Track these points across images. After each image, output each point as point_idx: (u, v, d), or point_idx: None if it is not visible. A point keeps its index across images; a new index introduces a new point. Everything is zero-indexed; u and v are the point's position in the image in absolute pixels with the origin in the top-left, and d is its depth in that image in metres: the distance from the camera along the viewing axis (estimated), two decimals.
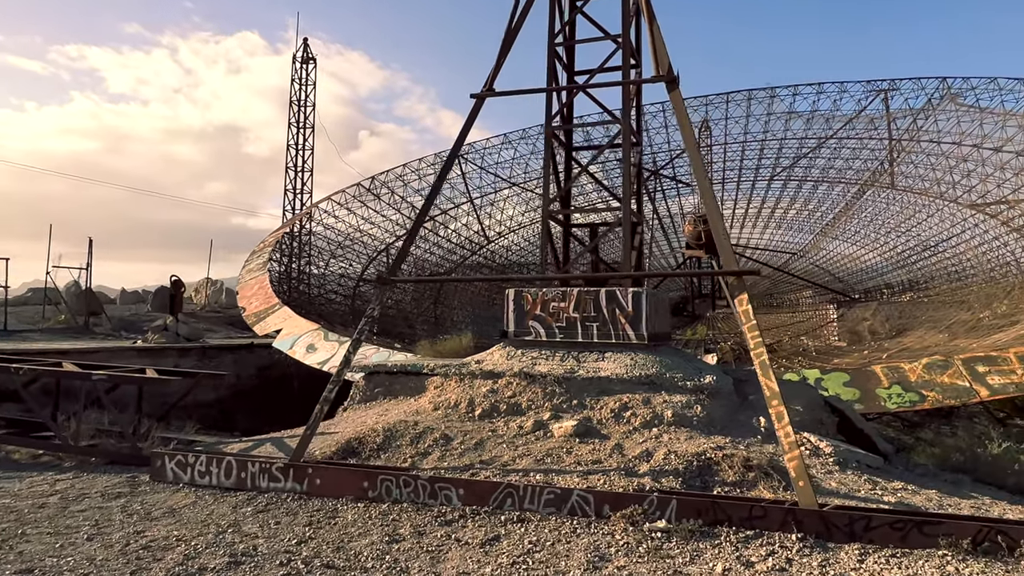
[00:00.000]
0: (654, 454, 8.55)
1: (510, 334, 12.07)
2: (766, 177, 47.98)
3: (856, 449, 9.35)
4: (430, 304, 40.67)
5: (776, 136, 46.69)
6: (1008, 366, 14.67)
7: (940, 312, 30.00)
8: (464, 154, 47.63)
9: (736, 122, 47.13)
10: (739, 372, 11.41)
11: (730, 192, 49.15)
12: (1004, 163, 36.46)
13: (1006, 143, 36.29)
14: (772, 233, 48.65)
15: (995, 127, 37.05)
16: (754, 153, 48.32)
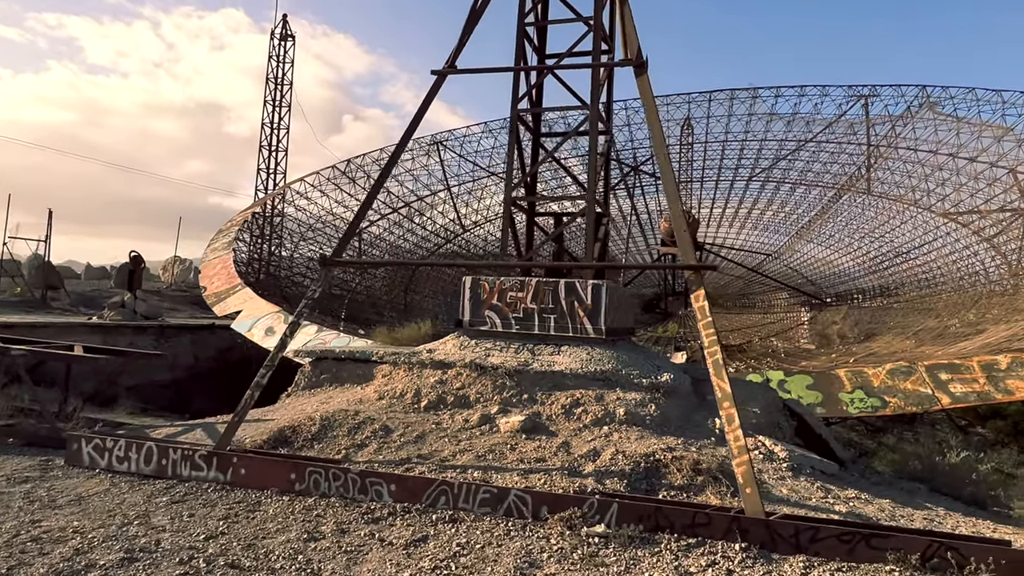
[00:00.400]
0: (601, 454, 8.16)
1: (465, 323, 11.61)
2: (745, 177, 47.91)
3: (811, 455, 9.05)
4: (401, 291, 40.05)
5: (756, 137, 46.67)
6: (971, 375, 14.54)
7: (909, 318, 30.11)
8: (444, 141, 47.00)
9: (718, 121, 47.04)
10: (699, 371, 11.07)
11: (709, 191, 49.04)
12: (978, 173, 36.73)
13: (981, 154, 36.56)
14: (748, 234, 48.66)
15: (971, 137, 37.29)
16: (734, 153, 48.26)
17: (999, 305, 26.23)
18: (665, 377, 10.15)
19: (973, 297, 29.72)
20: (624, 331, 12.07)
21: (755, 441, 9.11)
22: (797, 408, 10.32)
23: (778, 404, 10.20)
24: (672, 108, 47.31)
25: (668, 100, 47.19)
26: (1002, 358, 14.83)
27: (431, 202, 46.90)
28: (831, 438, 10.43)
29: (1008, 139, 35.89)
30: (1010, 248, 32.88)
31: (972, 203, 36.65)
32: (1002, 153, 36.03)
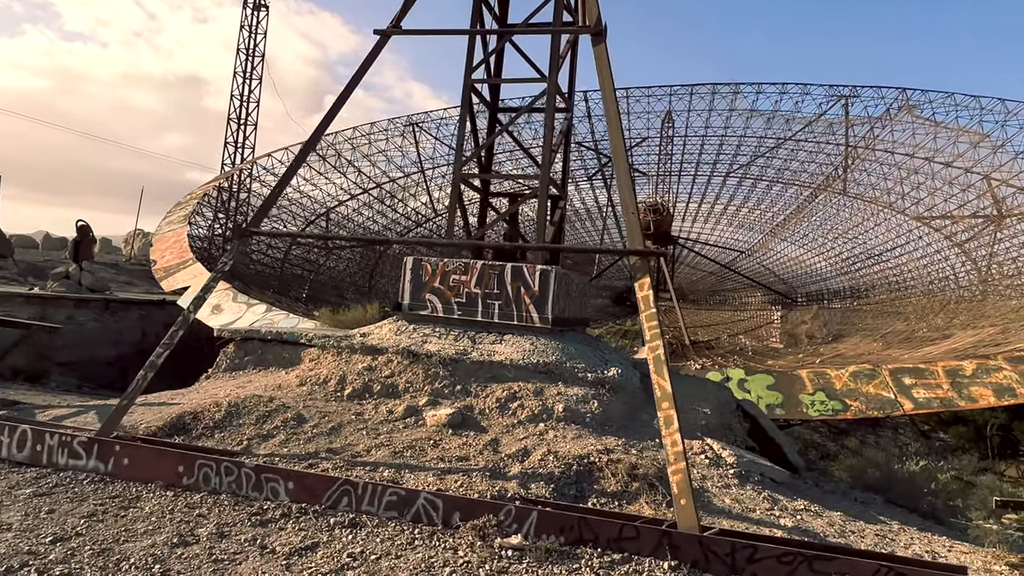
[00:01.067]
0: (532, 454, 7.42)
1: (404, 307, 10.79)
2: (722, 173, 47.50)
3: (762, 461, 8.41)
4: (367, 274, 39.02)
5: (736, 133, 46.28)
6: (935, 380, 14.06)
7: (878, 321, 29.87)
8: (420, 123, 45.88)
9: (698, 115, 46.52)
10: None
11: (686, 186, 48.55)
12: (953, 178, 36.67)
13: (956, 159, 36.48)
14: (723, 231, 48.30)
15: (948, 142, 37.19)
16: (713, 148, 47.80)
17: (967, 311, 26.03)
18: (612, 372, 9.45)
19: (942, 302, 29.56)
20: (576, 321, 11.35)
21: (702, 444, 8.45)
22: (751, 409, 9.68)
23: (731, 405, 9.56)
24: (653, 100, 46.68)
25: (650, 92, 46.55)
26: (967, 364, 14.38)
27: (404, 184, 45.80)
28: (785, 442, 9.83)
29: (984, 145, 35.78)
30: (980, 254, 32.79)
31: (946, 208, 36.63)
32: (977, 159, 35.97)
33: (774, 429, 9.72)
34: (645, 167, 50.48)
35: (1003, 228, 33.00)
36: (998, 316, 24.35)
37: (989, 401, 13.61)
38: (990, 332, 22.18)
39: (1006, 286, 28.71)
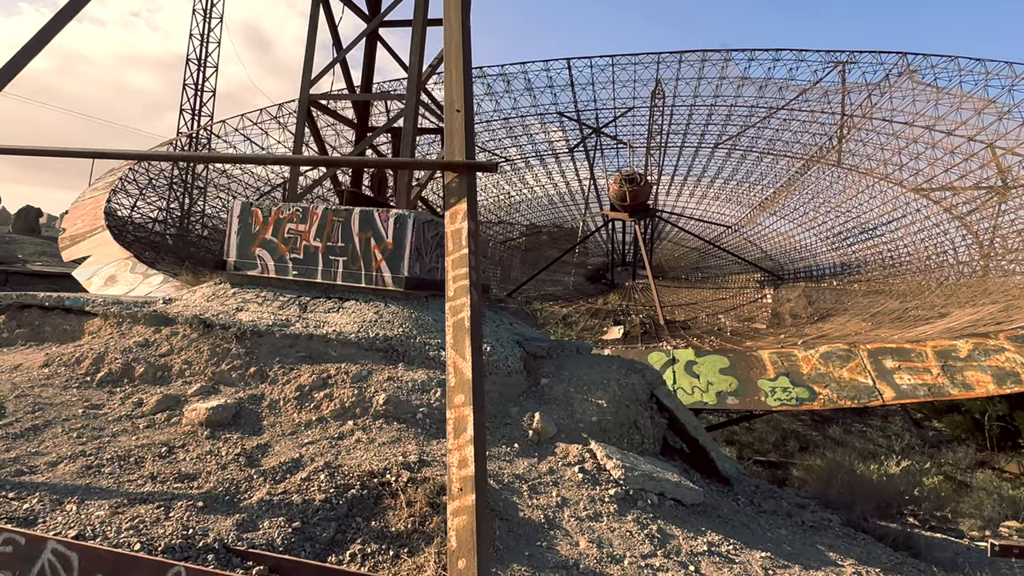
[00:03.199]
0: (303, 468, 4.97)
1: (229, 265, 8.32)
2: (711, 144, 44.82)
3: (666, 475, 5.96)
4: None
5: (726, 102, 43.71)
6: (922, 362, 11.60)
7: (868, 299, 27.37)
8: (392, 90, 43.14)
9: (687, 83, 43.95)
10: (543, 344, 7.92)
11: (672, 157, 45.86)
12: (954, 147, 34.13)
13: (959, 127, 33.93)
14: (709, 204, 45.55)
15: (950, 109, 34.63)
16: (701, 118, 45.20)
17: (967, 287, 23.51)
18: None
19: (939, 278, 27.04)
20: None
21: (580, 452, 6.00)
22: (668, 401, 7.23)
23: (640, 395, 7.11)
24: (640, 68, 44.10)
25: (637, 60, 43.94)
26: (962, 344, 11.92)
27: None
28: (712, 443, 7.37)
29: (989, 112, 33.17)
30: (983, 227, 30.23)
31: (946, 179, 34.05)
32: (981, 127, 33.37)
33: (698, 427, 7.29)
34: (630, 138, 47.84)
35: (1008, 199, 30.43)
36: (1000, 292, 21.85)
37: (988, 389, 11.15)
38: (991, 310, 19.68)
39: (1010, 260, 26.16)
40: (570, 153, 47.90)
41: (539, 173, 47.14)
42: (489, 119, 47.63)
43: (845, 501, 7.63)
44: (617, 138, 46.84)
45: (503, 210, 47.09)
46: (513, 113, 47.32)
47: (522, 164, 46.65)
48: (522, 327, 9.59)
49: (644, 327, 27.71)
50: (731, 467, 7.37)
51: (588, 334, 27.18)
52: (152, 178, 31.53)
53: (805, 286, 31.09)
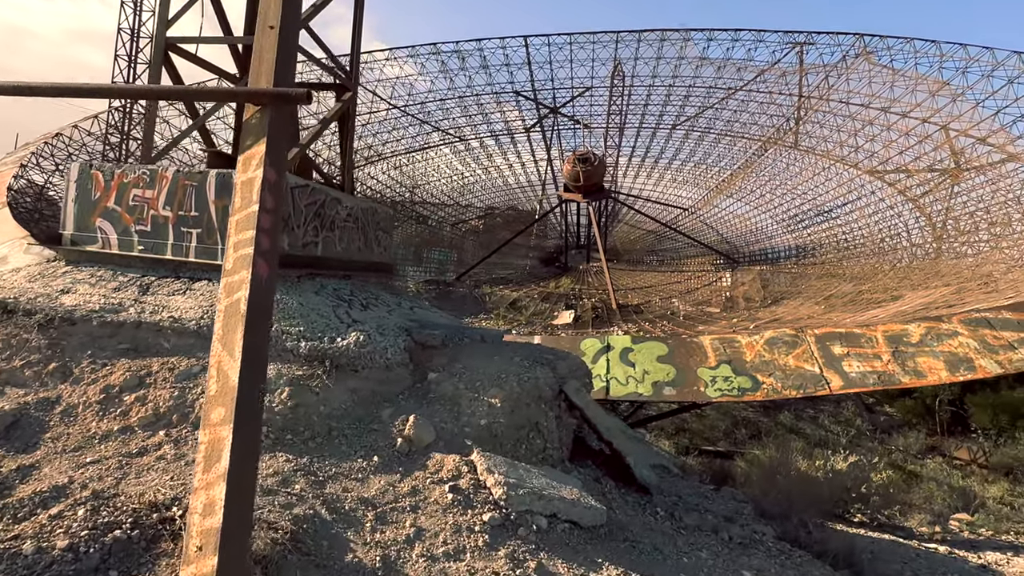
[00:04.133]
0: (62, 499, 3.74)
1: (66, 238, 6.95)
2: (668, 125, 44.03)
3: (562, 492, 4.88)
4: None
5: (684, 82, 42.86)
6: (872, 348, 10.78)
7: (822, 282, 26.88)
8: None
9: (645, 63, 42.99)
10: (438, 331, 6.76)
11: (629, 139, 44.94)
12: (909, 129, 33.94)
13: (914, 109, 33.69)
14: (667, 186, 44.78)
15: (905, 91, 34.37)
16: (660, 98, 44.31)
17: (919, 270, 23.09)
18: (350, 339, 5.80)
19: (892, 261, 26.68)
20: (337, 262, 7.64)
21: (457, 464, 4.88)
22: (578, 398, 6.15)
23: (545, 392, 6.02)
24: (599, 47, 42.98)
25: (595, 39, 42.76)
26: (914, 328, 11.13)
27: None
28: (630, 447, 6.33)
29: (943, 94, 32.90)
30: (935, 209, 30.01)
31: (900, 160, 33.85)
32: (936, 108, 33.11)
33: (612, 428, 6.24)
34: (588, 118, 46.77)
35: (960, 181, 30.26)
36: (952, 275, 21.43)
37: (940, 376, 10.39)
38: (943, 292, 19.19)
39: (962, 243, 25.90)
40: (526, 133, 46.62)
41: (494, 153, 45.81)
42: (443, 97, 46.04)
43: (781, 509, 6.68)
44: (575, 118, 45.74)
45: (456, 191, 45.67)
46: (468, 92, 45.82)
47: (476, 144, 45.23)
48: (429, 313, 8.42)
49: (596, 311, 26.81)
50: (651, 474, 6.35)
51: (539, 318, 26.16)
52: (73, 153, 29.36)
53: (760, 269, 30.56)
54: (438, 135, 46.04)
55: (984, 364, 10.55)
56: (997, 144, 30.07)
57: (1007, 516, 12.00)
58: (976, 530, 11.38)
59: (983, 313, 11.63)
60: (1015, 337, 11.13)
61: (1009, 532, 11.28)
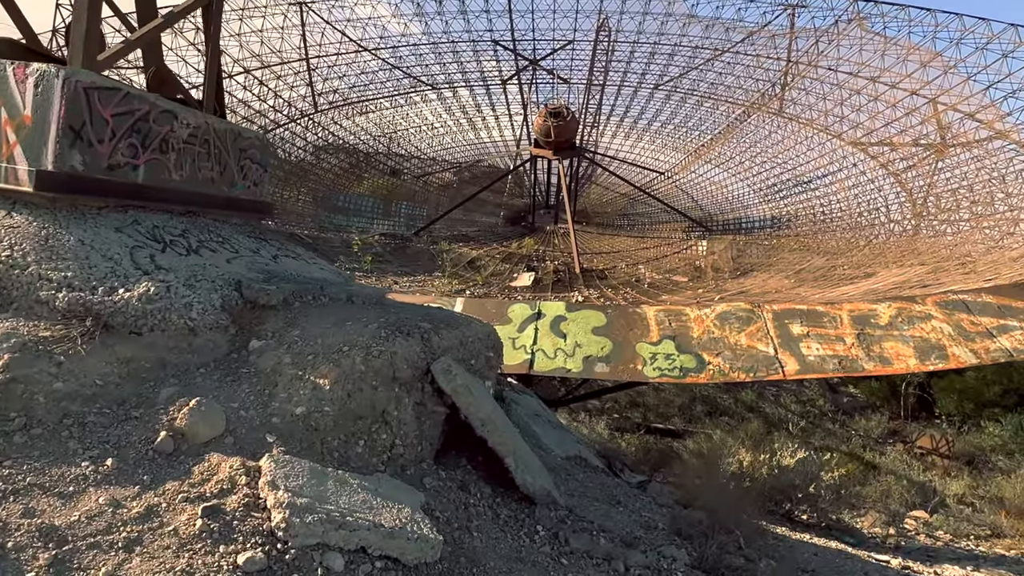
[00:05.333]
0: None
1: None
2: (651, 84, 42.17)
3: (379, 517, 3.50)
4: None
5: (671, 40, 40.93)
6: (835, 328, 9.53)
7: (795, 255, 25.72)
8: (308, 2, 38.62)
9: (631, 17, 40.98)
10: (274, 287, 5.26)
11: (609, 96, 43.07)
12: (897, 101, 32.67)
13: (903, 79, 32.32)
14: (644, 147, 43.09)
15: (896, 60, 32.94)
16: (644, 56, 42.35)
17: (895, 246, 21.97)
18: (138, 291, 4.31)
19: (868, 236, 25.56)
20: (180, 196, 6.06)
21: (232, 472, 3.48)
22: (446, 381, 4.75)
23: (401, 371, 4.62)
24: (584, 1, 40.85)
25: None
26: (883, 309, 9.88)
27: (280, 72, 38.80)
28: (512, 445, 4.95)
29: (935, 65, 31.48)
30: (917, 185, 28.86)
31: (886, 133, 32.59)
32: (926, 80, 31.73)
33: (489, 421, 4.85)
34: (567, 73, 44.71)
35: (945, 157, 29.07)
36: (930, 253, 20.33)
37: (908, 364, 9.18)
38: (918, 271, 18.07)
39: (941, 221, 24.81)
40: (503, 86, 44.49)
41: (467, 106, 43.69)
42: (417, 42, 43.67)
43: (701, 528, 5.40)
44: (554, 72, 43.66)
45: (427, 144, 43.63)
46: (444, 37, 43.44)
47: (450, 94, 43.05)
48: (305, 265, 6.91)
49: (558, 275, 25.44)
50: (540, 479, 4.99)
51: (497, 279, 24.74)
52: None
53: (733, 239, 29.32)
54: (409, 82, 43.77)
55: (958, 353, 9.36)
56: (986, 120, 28.88)
57: (967, 517, 11.03)
58: (933, 532, 10.36)
59: (961, 295, 10.41)
60: (994, 324, 9.93)
61: (968, 536, 10.27)
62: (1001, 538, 10.28)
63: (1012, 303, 10.34)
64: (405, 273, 24.26)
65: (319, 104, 38.94)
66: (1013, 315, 10.08)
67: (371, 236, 27.64)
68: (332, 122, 40.10)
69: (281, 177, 35.14)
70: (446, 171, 43.13)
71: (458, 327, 5.77)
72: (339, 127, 40.81)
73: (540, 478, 5.07)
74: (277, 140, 36.44)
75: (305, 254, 7.30)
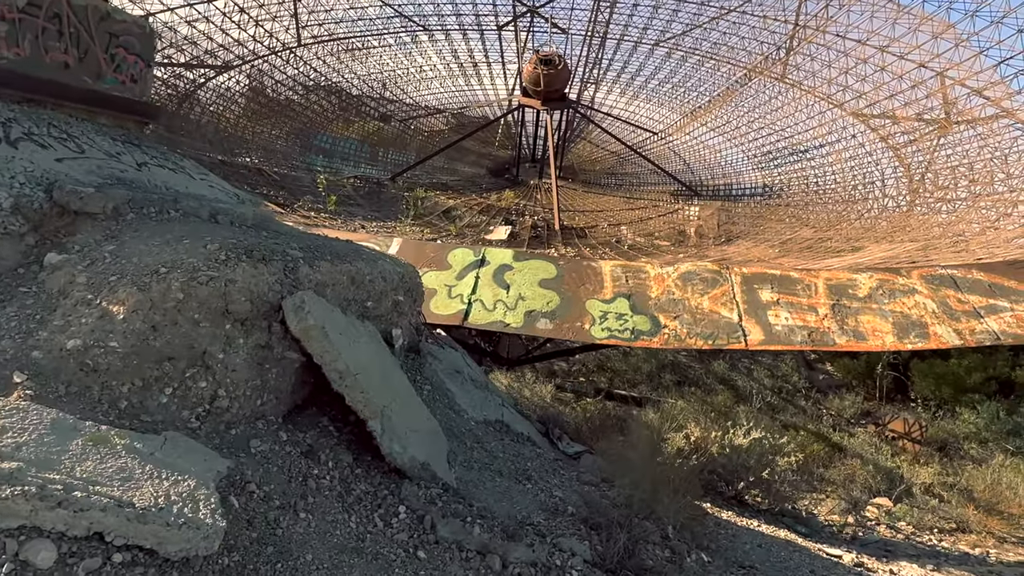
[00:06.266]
0: None
1: None
2: (652, 40, 40.41)
3: (142, 490, 2.54)
4: None
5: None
6: (808, 297, 8.60)
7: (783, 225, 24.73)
8: None
9: None
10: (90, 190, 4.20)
11: (608, 51, 41.30)
12: (904, 72, 31.33)
13: (913, 50, 30.95)
14: (640, 106, 41.52)
15: (907, 31, 31.50)
16: (647, 10, 40.47)
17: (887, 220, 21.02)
18: None
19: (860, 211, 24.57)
20: (16, 79, 4.94)
21: None
22: (296, 319, 3.76)
23: (238, 304, 3.62)
24: None
25: None
26: (864, 279, 8.96)
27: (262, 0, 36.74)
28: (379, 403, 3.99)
29: (947, 37, 30.12)
30: (916, 161, 27.78)
31: (889, 105, 31.37)
32: (936, 53, 30.40)
33: (347, 373, 3.87)
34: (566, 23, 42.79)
35: (948, 133, 27.94)
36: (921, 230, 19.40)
37: (884, 341, 8.29)
38: (908, 248, 17.15)
39: (937, 199, 23.83)
40: (498, 32, 42.54)
41: (460, 50, 41.79)
42: None
43: (617, 514, 4.50)
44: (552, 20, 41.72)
45: (413, 87, 41.82)
46: None
47: (442, 37, 41.13)
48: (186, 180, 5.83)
49: (536, 230, 24.38)
50: (410, 450, 4.04)
51: (472, 231, 23.66)
52: None
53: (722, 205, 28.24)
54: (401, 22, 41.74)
55: (940, 332, 8.46)
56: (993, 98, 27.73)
57: (932, 509, 10.33)
58: (895, 523, 9.63)
59: (949, 270, 9.47)
60: (982, 303, 9.03)
61: (932, 530, 9.56)
62: (966, 533, 9.59)
63: (1004, 282, 9.43)
64: (376, 218, 23.09)
65: (303, 38, 37.02)
66: (1004, 295, 9.18)
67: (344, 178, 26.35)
68: (317, 58, 38.21)
69: (256, 110, 33.51)
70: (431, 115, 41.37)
71: (352, 261, 4.77)
72: (325, 65, 38.93)
73: (416, 447, 4.12)
74: (256, 73, 34.64)
75: (194, 168, 6.21)
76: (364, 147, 44.08)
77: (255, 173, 24.25)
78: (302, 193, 23.56)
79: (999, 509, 10.47)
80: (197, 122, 27.41)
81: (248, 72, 33.60)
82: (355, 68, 41.52)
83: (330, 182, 24.56)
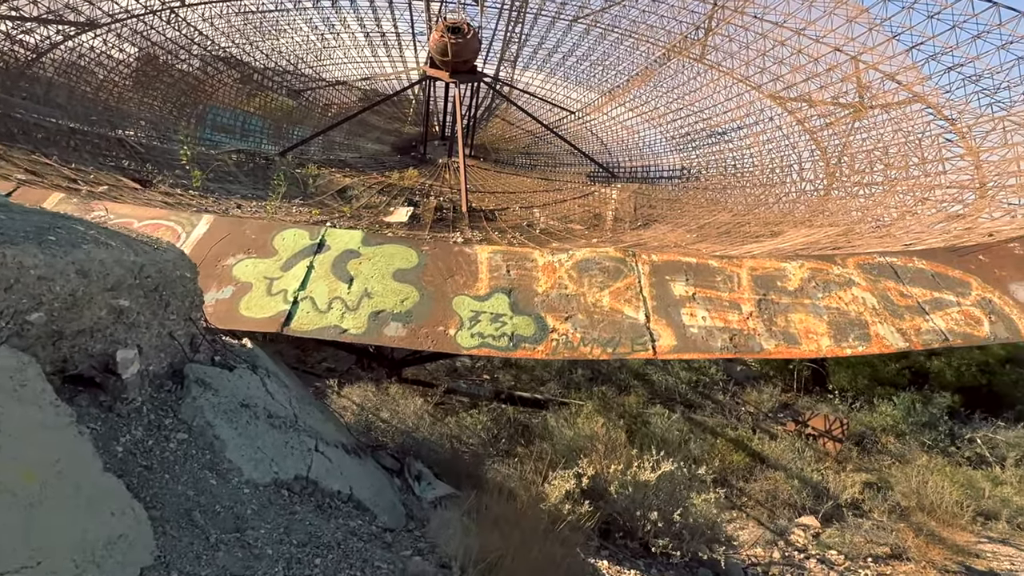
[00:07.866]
0: None
1: None
2: (570, 16, 38.75)
3: None
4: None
5: None
6: (731, 291, 6.98)
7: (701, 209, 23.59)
8: None
9: None
10: None
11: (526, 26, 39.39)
12: (820, 56, 31.05)
13: (828, 34, 30.66)
14: (556, 84, 39.91)
15: (823, 14, 31.20)
16: None
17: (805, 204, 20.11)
18: None
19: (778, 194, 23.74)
20: None
21: None
22: None
23: None
24: None
25: None
26: (793, 268, 7.42)
27: None
28: None
29: (861, 21, 29.88)
30: (832, 144, 27.33)
31: (805, 88, 30.99)
32: (850, 37, 30.16)
33: None
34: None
35: (863, 118, 27.63)
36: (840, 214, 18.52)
37: (820, 345, 6.76)
38: (829, 233, 16.12)
39: (854, 183, 23.24)
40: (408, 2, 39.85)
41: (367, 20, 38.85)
42: None
43: None
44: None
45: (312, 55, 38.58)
46: None
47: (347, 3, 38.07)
48: None
49: (440, 212, 22.29)
50: None
51: (369, 212, 21.31)
52: None
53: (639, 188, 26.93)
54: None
55: (883, 333, 7.00)
56: (905, 82, 27.58)
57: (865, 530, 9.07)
58: (825, 552, 8.25)
59: (888, 258, 8.07)
60: (927, 297, 7.67)
61: (867, 558, 8.23)
62: (904, 561, 8.36)
63: (948, 271, 8.13)
64: (257, 197, 20.34)
65: None
66: (949, 287, 7.86)
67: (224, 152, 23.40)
68: (204, 20, 34.47)
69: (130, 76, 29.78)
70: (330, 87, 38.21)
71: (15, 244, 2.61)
72: (214, 29, 35.19)
73: None
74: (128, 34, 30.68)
75: None
76: (268, 123, 40.60)
77: (114, 144, 21.02)
78: (172, 169, 20.56)
79: (934, 530, 9.34)
80: (48, 84, 23.73)
81: (119, 32, 29.69)
82: (250, 35, 37.91)
83: (205, 156, 21.63)
